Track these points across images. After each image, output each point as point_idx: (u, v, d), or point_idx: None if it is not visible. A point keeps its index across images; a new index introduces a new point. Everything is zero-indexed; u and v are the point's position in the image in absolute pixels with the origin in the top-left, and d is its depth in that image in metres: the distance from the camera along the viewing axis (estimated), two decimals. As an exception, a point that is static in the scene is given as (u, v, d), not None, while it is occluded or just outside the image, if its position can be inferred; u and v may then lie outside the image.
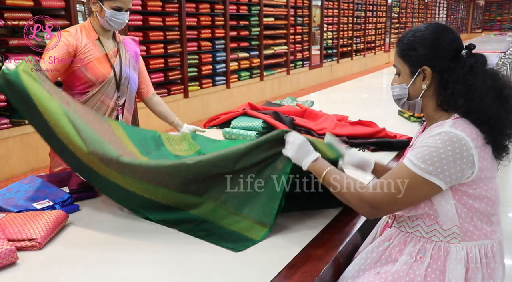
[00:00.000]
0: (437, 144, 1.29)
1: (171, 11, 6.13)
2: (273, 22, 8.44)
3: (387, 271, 1.38)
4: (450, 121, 1.33)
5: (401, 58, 1.46)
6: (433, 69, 1.39)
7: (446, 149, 1.27)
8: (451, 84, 1.36)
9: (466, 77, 1.34)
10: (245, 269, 1.38)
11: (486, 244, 1.36)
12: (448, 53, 1.38)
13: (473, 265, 1.33)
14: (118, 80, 2.37)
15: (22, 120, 4.34)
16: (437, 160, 1.27)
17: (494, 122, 1.31)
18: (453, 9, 24.62)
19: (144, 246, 1.53)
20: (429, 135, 1.32)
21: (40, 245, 1.49)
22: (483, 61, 1.38)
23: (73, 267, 1.41)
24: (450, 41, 1.39)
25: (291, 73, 9.18)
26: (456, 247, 1.33)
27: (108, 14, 2.25)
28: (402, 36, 1.48)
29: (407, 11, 16.90)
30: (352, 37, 12.18)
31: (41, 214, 1.63)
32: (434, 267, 1.33)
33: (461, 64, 1.36)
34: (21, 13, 4.24)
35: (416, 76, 1.43)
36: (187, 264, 1.41)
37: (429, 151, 1.29)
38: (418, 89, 1.44)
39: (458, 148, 1.27)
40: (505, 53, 9.00)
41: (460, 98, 1.34)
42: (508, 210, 3.87)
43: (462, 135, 1.28)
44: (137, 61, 2.50)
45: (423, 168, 1.29)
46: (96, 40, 2.32)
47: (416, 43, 1.41)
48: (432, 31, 1.41)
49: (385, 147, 2.50)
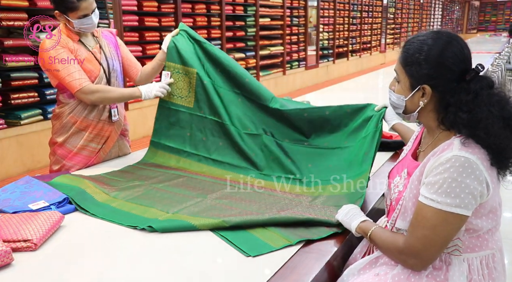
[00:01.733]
0: (451, 172, 1.22)
1: (167, 12, 6.12)
2: (269, 22, 8.44)
3: (387, 273, 1.36)
4: (458, 143, 1.26)
5: (403, 69, 1.38)
6: (434, 89, 1.32)
7: (462, 176, 1.21)
8: (453, 109, 1.29)
9: (469, 105, 1.26)
10: (241, 269, 1.38)
11: (487, 255, 1.34)
12: (453, 75, 1.30)
13: (476, 277, 1.30)
14: (108, 75, 2.38)
15: (17, 121, 4.33)
16: (459, 190, 1.21)
17: (502, 151, 1.25)
18: (448, 9, 24.69)
19: (141, 247, 1.53)
20: (439, 162, 1.25)
21: (36, 246, 1.48)
22: (489, 85, 1.30)
23: (69, 268, 1.40)
24: (458, 62, 1.31)
25: (287, 74, 9.19)
26: (457, 259, 1.31)
27: (76, 23, 2.23)
28: (407, 43, 1.39)
29: (403, 12, 16.94)
30: (348, 38, 12.19)
31: (37, 215, 1.63)
32: (435, 274, 1.31)
33: (465, 87, 1.28)
34: (16, 14, 4.23)
35: (415, 91, 1.36)
36: (184, 264, 1.41)
37: (447, 182, 1.22)
38: (415, 104, 1.38)
39: (472, 173, 1.21)
40: (499, 53, 9.03)
41: (464, 128, 1.26)
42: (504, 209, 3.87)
43: (473, 159, 1.22)
44: (118, 52, 2.50)
45: (449, 202, 1.22)
46: (78, 41, 2.32)
47: (421, 59, 1.32)
48: (441, 48, 1.31)
49: (381, 147, 2.49)
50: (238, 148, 2.29)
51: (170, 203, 1.86)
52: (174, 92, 2.42)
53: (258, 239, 1.53)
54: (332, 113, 2.17)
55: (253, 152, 2.26)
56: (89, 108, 2.34)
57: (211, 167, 2.29)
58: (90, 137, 2.37)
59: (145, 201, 1.87)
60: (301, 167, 2.17)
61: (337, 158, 2.12)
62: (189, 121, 2.41)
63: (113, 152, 2.52)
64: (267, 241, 1.52)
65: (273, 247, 1.48)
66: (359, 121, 2.08)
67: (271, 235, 1.56)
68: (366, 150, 1.98)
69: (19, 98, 4.33)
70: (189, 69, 2.40)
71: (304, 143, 2.23)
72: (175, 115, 2.42)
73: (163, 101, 2.43)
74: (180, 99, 2.42)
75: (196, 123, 2.39)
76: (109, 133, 2.44)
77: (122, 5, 5.40)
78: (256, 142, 2.28)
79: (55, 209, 1.75)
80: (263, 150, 2.26)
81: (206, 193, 1.98)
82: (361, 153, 2.00)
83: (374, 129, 1.98)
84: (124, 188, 2.02)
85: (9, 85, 4.27)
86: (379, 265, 1.42)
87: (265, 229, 1.60)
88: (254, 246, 1.48)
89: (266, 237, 1.54)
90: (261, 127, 2.30)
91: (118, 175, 2.22)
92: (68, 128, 2.35)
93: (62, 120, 2.36)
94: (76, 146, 2.36)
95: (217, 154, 2.32)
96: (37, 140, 4.46)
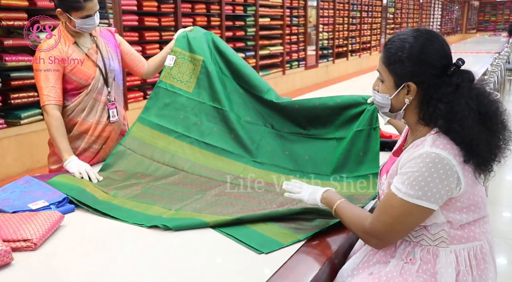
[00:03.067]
0: (420, 167, 1.27)
1: (167, 12, 6.12)
2: (269, 22, 8.44)
3: (380, 271, 1.39)
4: (430, 140, 1.31)
5: (386, 68, 1.40)
6: (418, 86, 1.35)
7: (430, 171, 1.26)
8: (434, 102, 1.32)
9: (449, 97, 1.30)
10: (240, 268, 1.38)
11: (475, 246, 1.36)
12: (436, 70, 1.33)
13: (463, 268, 1.33)
14: (105, 76, 2.37)
15: (17, 121, 4.33)
16: (424, 183, 1.26)
17: (475, 147, 1.27)
18: (448, 9, 24.68)
19: (141, 247, 1.53)
20: (411, 157, 1.30)
21: (36, 246, 1.48)
22: (470, 79, 1.33)
23: (69, 267, 1.40)
24: (440, 57, 1.34)
25: (287, 74, 9.19)
26: (444, 251, 1.33)
27: (78, 23, 2.22)
28: (389, 42, 1.41)
29: (402, 12, 16.94)
30: (348, 38, 12.19)
31: (37, 214, 1.63)
32: (425, 268, 1.34)
33: (447, 81, 1.32)
34: (16, 13, 4.23)
35: (400, 89, 1.38)
36: (183, 263, 1.41)
37: (414, 175, 1.27)
38: (401, 102, 1.40)
39: (442, 168, 1.25)
40: (499, 53, 9.03)
41: (441, 118, 1.30)
42: (501, 209, 3.88)
43: (444, 154, 1.26)
44: (117, 52, 2.49)
45: (412, 194, 1.27)
46: (73, 44, 2.31)
47: (404, 57, 1.34)
48: (422, 45, 1.34)
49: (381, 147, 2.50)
50: (235, 134, 2.27)
51: (170, 200, 1.87)
52: (175, 76, 2.39)
53: (266, 236, 1.53)
54: (323, 104, 2.17)
55: (250, 140, 2.26)
56: (88, 109, 2.34)
57: (203, 150, 2.26)
58: (92, 140, 2.37)
59: (145, 199, 1.88)
60: (298, 160, 2.17)
61: (333, 150, 2.12)
62: (184, 105, 2.37)
63: (112, 152, 2.52)
64: (275, 237, 1.52)
65: (283, 244, 1.49)
66: (352, 113, 2.08)
67: (278, 232, 1.57)
68: (362, 149, 1.97)
69: (18, 98, 4.32)
70: (196, 56, 2.40)
71: (303, 133, 2.24)
72: (171, 97, 2.38)
73: (161, 82, 2.40)
74: (180, 83, 2.40)
75: (192, 108, 2.36)
76: (109, 134, 2.43)
77: (122, 5, 5.39)
78: (255, 130, 2.28)
79: (55, 209, 1.75)
80: (261, 140, 2.26)
81: (205, 190, 1.99)
82: (355, 150, 2.00)
83: (369, 127, 1.97)
84: (122, 187, 2.02)
85: (9, 85, 4.27)
86: (372, 264, 1.44)
87: (272, 226, 1.60)
88: (264, 243, 1.49)
89: (274, 234, 1.55)
90: (262, 118, 2.31)
91: (112, 173, 2.20)
92: (68, 130, 2.35)
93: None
94: (77, 148, 2.35)
95: (210, 138, 2.29)
96: (36, 140, 4.46)
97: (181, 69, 2.40)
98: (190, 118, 2.35)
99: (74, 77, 2.28)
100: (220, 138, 2.28)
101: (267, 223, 1.63)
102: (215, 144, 2.28)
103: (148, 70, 2.60)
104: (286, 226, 1.61)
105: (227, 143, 2.28)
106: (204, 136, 2.30)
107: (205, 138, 2.30)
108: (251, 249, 1.47)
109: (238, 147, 2.26)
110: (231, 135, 2.29)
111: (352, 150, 2.02)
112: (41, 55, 2.22)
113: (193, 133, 2.32)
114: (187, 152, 2.27)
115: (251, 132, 2.28)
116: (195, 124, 2.33)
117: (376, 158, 1.95)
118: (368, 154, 1.96)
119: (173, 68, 2.39)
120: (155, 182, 2.09)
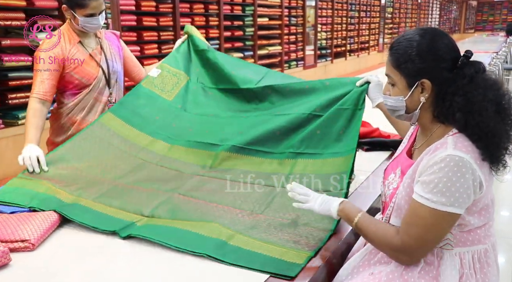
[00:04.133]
0: (446, 172, 1.22)
1: (165, 11, 6.11)
2: (267, 22, 8.43)
3: (381, 272, 1.37)
4: (452, 142, 1.26)
5: (397, 70, 1.36)
6: (433, 82, 1.32)
7: (456, 176, 1.22)
8: (449, 96, 1.29)
9: (465, 89, 1.27)
10: (239, 270, 1.37)
11: (479, 249, 1.34)
12: (447, 64, 1.31)
13: (467, 271, 1.31)
14: (107, 77, 2.37)
15: (15, 121, 4.32)
16: (454, 189, 1.22)
17: (492, 138, 1.25)
18: (446, 9, 24.70)
19: (138, 247, 1.52)
20: (433, 162, 1.25)
21: (34, 246, 1.47)
22: (482, 69, 1.31)
23: (67, 268, 1.40)
24: (449, 50, 1.32)
25: (285, 73, 9.17)
26: (449, 253, 1.32)
27: (81, 21, 2.23)
28: (394, 43, 1.38)
29: (401, 12, 16.95)
30: (346, 37, 12.19)
31: (35, 215, 1.62)
32: (427, 269, 1.32)
33: (460, 74, 1.29)
34: (14, 13, 4.21)
35: (414, 88, 1.34)
36: (182, 264, 1.41)
37: (442, 181, 1.22)
38: (416, 102, 1.36)
39: (467, 172, 1.22)
40: (497, 53, 9.03)
41: (459, 111, 1.27)
42: (500, 208, 3.88)
43: (467, 158, 1.22)
44: (121, 55, 2.50)
45: (444, 201, 1.23)
46: (78, 43, 2.31)
47: (414, 55, 1.32)
48: (430, 40, 1.32)
49: (379, 147, 2.51)
50: (210, 130, 2.18)
51: (140, 201, 1.76)
52: (157, 85, 2.36)
53: (282, 260, 1.40)
54: (312, 85, 2.15)
55: (226, 131, 2.16)
56: (88, 108, 2.34)
57: (175, 145, 2.15)
58: None
59: (113, 201, 1.76)
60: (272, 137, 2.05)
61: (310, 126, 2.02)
62: (162, 109, 2.29)
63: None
64: (289, 260, 1.40)
65: (301, 264, 1.37)
66: (338, 93, 2.02)
67: (287, 252, 1.44)
68: (343, 127, 1.92)
69: (16, 98, 4.31)
70: (181, 73, 2.42)
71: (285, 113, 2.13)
72: (149, 100, 2.32)
73: (141, 86, 2.36)
74: (161, 91, 2.36)
75: (169, 113, 2.29)
76: None
77: (120, 4, 5.38)
78: (238, 121, 2.21)
79: None
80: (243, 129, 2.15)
81: (175, 187, 1.87)
82: (336, 127, 1.93)
83: (354, 107, 1.92)
84: (86, 185, 1.87)
85: (7, 85, 4.26)
86: (373, 263, 1.42)
87: (279, 246, 1.47)
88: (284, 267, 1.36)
89: (288, 256, 1.42)
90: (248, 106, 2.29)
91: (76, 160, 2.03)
92: (66, 129, 2.34)
93: (60, 121, 2.35)
94: None
95: (184, 136, 2.18)
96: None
97: (164, 80, 2.39)
98: (165, 120, 2.26)
99: (77, 76, 2.28)
100: (194, 135, 2.18)
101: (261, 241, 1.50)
102: (188, 138, 2.16)
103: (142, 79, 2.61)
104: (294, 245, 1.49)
105: (201, 136, 2.16)
106: (178, 135, 2.20)
107: (179, 136, 2.19)
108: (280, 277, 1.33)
109: (212, 138, 2.13)
110: (206, 131, 2.19)
111: (332, 127, 1.94)
112: (41, 55, 2.22)
113: (167, 132, 2.21)
114: (158, 147, 2.15)
115: (233, 126, 2.19)
116: (170, 125, 2.25)
117: (355, 137, 1.87)
118: (349, 133, 1.90)
119: (156, 78, 2.38)
120: (122, 178, 1.94)
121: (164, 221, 1.62)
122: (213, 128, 2.19)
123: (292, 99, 2.15)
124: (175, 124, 2.25)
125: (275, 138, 2.05)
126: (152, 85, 2.36)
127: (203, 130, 2.20)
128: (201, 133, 2.19)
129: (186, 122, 2.26)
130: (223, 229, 1.55)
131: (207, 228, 1.55)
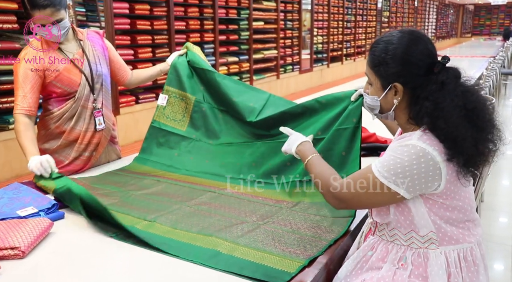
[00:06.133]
0: (404, 156, 1.30)
1: (160, 15, 6.07)
2: (263, 26, 8.41)
3: (372, 277, 1.39)
4: (419, 133, 1.34)
5: (372, 70, 1.44)
6: (404, 86, 1.38)
7: (411, 162, 1.29)
8: (420, 101, 1.35)
9: (435, 95, 1.32)
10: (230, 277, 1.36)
11: (465, 248, 1.37)
12: (420, 70, 1.36)
13: (454, 269, 1.34)
14: (91, 82, 2.30)
15: (5, 125, 4.26)
16: (401, 171, 1.29)
17: (460, 142, 1.28)
18: (443, 13, 24.80)
19: (130, 253, 1.49)
20: (399, 144, 1.34)
21: (24, 254, 1.44)
22: (456, 75, 1.35)
23: (57, 276, 1.36)
24: (424, 57, 1.36)
25: (281, 78, 9.15)
26: (434, 252, 1.35)
27: (37, 31, 2.15)
28: (374, 44, 1.44)
29: (397, 16, 16.99)
30: (342, 42, 12.19)
31: (25, 221, 1.59)
32: (417, 273, 1.35)
33: (433, 79, 1.34)
34: (5, 16, 4.17)
35: (387, 90, 1.40)
36: (178, 268, 1.39)
37: (395, 161, 1.31)
38: (390, 103, 1.43)
39: (424, 162, 1.28)
40: (494, 57, 9.03)
41: (427, 116, 1.33)
42: (498, 215, 3.85)
43: (429, 150, 1.29)
44: (106, 55, 2.42)
45: (386, 176, 1.31)
46: (57, 49, 2.24)
47: (388, 59, 1.38)
48: (405, 46, 1.37)
49: (376, 152, 2.51)
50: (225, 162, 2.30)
51: (147, 210, 1.84)
52: (168, 115, 2.47)
53: (273, 268, 1.41)
54: (309, 106, 2.13)
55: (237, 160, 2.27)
56: (76, 117, 2.28)
57: (191, 176, 2.29)
58: (81, 148, 2.33)
59: (120, 208, 1.84)
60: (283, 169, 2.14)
61: None
62: (178, 143, 2.45)
63: (102, 158, 2.49)
64: (282, 268, 1.41)
65: (291, 273, 1.38)
66: (335, 112, 2.00)
67: (281, 260, 1.46)
68: (345, 148, 1.91)
69: (7, 103, 4.25)
70: (187, 95, 2.47)
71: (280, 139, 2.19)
72: (165, 136, 2.47)
73: (155, 121, 2.49)
74: (173, 122, 2.48)
75: (185, 145, 2.43)
76: (98, 140, 2.39)
77: (114, 8, 5.34)
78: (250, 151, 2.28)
79: (44, 216, 1.73)
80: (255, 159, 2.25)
81: (185, 200, 1.96)
82: (337, 149, 1.93)
83: (352, 125, 1.90)
84: (101, 194, 1.98)
85: (-3, 89, 4.20)
86: (365, 271, 1.45)
87: (274, 255, 1.49)
88: (274, 274, 1.38)
89: (280, 264, 1.43)
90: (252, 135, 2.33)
91: (95, 181, 2.18)
92: (55, 137, 2.29)
93: (48, 129, 2.30)
94: (68, 157, 2.31)
95: (200, 168, 2.34)
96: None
97: (173, 108, 2.48)
98: (184, 155, 2.43)
99: (59, 84, 2.22)
100: (211, 168, 2.32)
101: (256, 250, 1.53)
102: (206, 171, 2.31)
103: (130, 82, 2.57)
104: (288, 253, 1.51)
105: (218, 168, 2.30)
106: (196, 167, 2.36)
107: (197, 168, 2.35)
108: None
109: (228, 170, 2.26)
110: (222, 163, 2.31)
111: (334, 149, 1.94)
112: (20, 68, 2.16)
113: (185, 166, 2.38)
114: (174, 177, 2.31)
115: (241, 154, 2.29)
116: (188, 159, 2.41)
117: (357, 157, 1.87)
118: (351, 153, 1.90)
119: (166, 107, 2.47)
120: (136, 191, 2.07)
121: (163, 230, 1.66)
122: (228, 160, 2.32)
123: (294, 125, 2.14)
124: (193, 158, 2.40)
125: (286, 169, 2.14)
126: (164, 118, 2.49)
127: (219, 162, 2.33)
128: (217, 165, 2.32)
129: (202, 154, 2.40)
130: (220, 241, 1.59)
131: (204, 241, 1.59)
